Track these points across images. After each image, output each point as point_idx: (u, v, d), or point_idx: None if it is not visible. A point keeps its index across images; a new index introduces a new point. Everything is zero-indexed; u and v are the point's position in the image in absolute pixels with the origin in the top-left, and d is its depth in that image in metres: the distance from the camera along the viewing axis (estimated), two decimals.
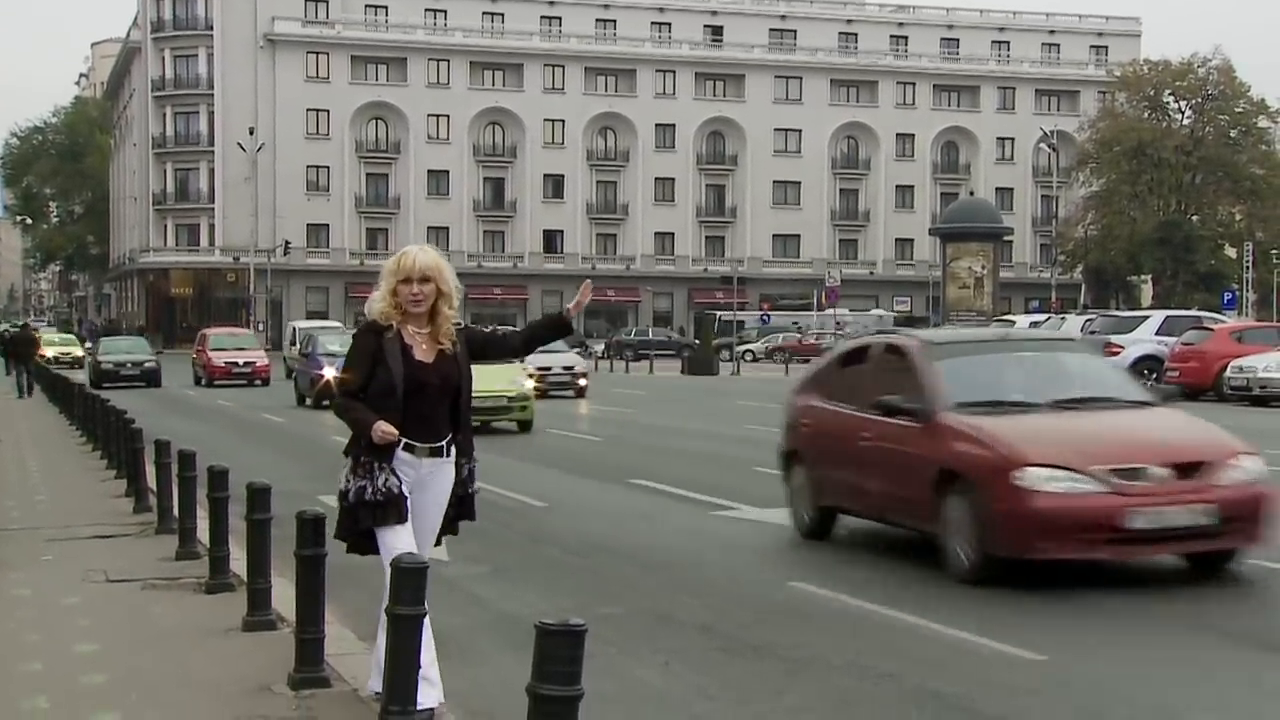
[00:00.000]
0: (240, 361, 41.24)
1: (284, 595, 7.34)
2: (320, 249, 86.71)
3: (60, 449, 19.72)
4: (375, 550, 5.77)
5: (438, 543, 6.06)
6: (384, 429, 5.55)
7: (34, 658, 6.94)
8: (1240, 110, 79.09)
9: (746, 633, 7.92)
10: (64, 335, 74.30)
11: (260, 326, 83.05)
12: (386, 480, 5.61)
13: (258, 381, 40.82)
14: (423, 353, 5.72)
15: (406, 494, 5.67)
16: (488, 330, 6.53)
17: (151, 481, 12.08)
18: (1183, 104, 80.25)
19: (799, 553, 10.99)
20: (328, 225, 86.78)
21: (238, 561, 8.43)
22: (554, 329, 6.08)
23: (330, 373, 20.18)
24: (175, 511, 10.51)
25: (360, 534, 5.76)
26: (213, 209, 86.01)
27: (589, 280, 6.30)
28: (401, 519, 5.63)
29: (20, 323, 63.13)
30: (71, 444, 20.35)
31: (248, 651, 7.02)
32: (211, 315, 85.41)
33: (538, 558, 10.49)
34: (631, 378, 48.58)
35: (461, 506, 5.97)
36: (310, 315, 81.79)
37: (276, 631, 7.32)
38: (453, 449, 5.81)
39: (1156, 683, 6.86)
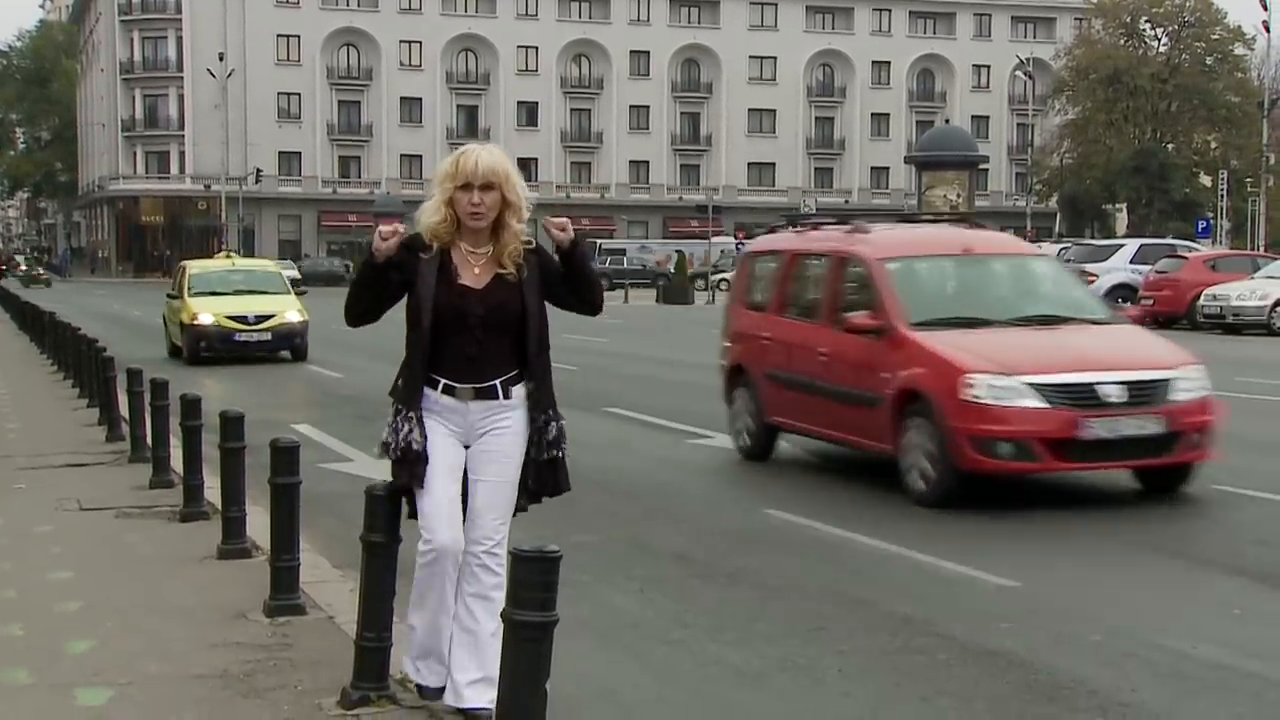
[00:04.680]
0: None
1: (258, 524, 7.33)
2: (292, 177, 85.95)
3: (31, 377, 19.58)
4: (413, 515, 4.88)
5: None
6: (383, 230, 4.64)
7: (7, 586, 6.93)
8: (1216, 37, 78.92)
9: (722, 560, 7.96)
10: (263, 264, 30.11)
11: (232, 256, 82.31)
12: (408, 434, 4.71)
13: None
14: (473, 276, 4.72)
15: (429, 454, 4.74)
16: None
17: (124, 410, 12.01)
18: (1159, 31, 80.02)
19: (774, 480, 11.03)
20: (299, 153, 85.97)
21: (212, 490, 8.40)
22: (569, 268, 4.93)
23: None
24: (148, 440, 10.48)
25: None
26: (183, 136, 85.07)
27: (548, 219, 4.83)
28: (416, 482, 4.74)
29: None
30: (42, 372, 20.22)
31: (222, 579, 7.02)
32: (183, 244, 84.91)
33: None
34: (607, 306, 48.39)
35: (541, 475, 4.85)
36: (283, 244, 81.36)
37: (251, 559, 7.33)
38: (512, 393, 4.80)
39: (1126, 606, 6.92)
